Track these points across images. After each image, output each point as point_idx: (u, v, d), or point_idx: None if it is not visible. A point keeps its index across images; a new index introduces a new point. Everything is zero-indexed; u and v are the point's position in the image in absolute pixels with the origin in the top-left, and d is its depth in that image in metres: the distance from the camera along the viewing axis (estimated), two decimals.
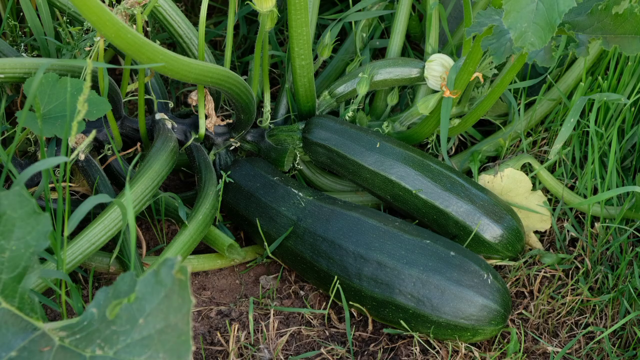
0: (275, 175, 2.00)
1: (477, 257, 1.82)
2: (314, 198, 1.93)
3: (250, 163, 2.03)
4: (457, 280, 1.76)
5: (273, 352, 1.78)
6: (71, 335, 1.29)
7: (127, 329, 1.24)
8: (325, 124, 2.05)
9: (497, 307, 1.76)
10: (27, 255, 1.36)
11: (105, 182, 1.92)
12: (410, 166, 1.97)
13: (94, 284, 1.88)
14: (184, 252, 1.80)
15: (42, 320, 1.34)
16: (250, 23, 2.40)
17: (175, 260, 1.22)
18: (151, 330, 1.22)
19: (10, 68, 1.75)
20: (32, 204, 1.35)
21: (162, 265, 1.22)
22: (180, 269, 1.21)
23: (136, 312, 1.23)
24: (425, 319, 1.77)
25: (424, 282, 1.75)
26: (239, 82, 1.91)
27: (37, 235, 1.36)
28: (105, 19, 1.58)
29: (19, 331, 1.32)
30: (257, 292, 1.94)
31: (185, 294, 1.21)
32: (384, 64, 2.15)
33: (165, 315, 1.22)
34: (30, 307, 1.35)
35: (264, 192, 1.96)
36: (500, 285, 1.79)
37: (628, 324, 1.87)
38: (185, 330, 1.21)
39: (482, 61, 2.00)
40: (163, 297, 1.22)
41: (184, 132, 2.04)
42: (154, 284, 1.23)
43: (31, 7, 1.95)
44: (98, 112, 1.79)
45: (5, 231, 1.35)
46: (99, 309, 1.27)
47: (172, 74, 1.77)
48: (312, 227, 1.88)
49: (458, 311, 1.75)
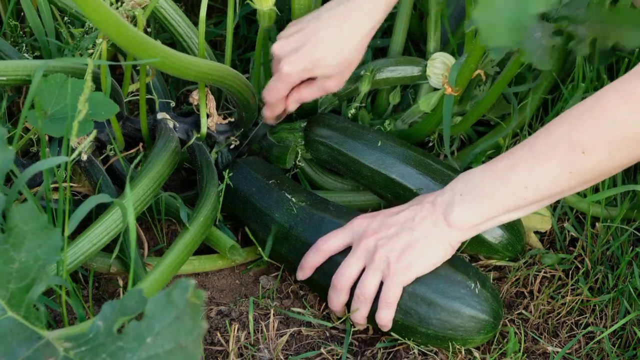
0: (271, 177, 1.99)
1: (465, 264, 1.80)
2: (306, 204, 1.92)
3: (248, 165, 2.03)
4: (443, 292, 1.74)
5: (273, 352, 1.79)
6: (76, 347, 1.29)
7: (134, 347, 1.23)
8: (326, 122, 2.05)
9: (486, 317, 1.74)
10: (36, 268, 1.38)
11: (107, 183, 1.92)
12: (411, 165, 1.97)
13: (94, 284, 1.89)
14: (185, 254, 1.80)
15: (46, 329, 1.35)
16: (251, 23, 2.40)
17: (189, 284, 1.21)
18: (159, 350, 1.22)
19: (12, 70, 1.75)
20: (43, 218, 1.37)
21: (175, 286, 1.22)
22: (195, 294, 1.21)
23: (144, 331, 1.23)
24: (413, 330, 1.76)
25: (410, 294, 1.74)
26: (240, 79, 1.91)
27: (47, 249, 1.38)
28: (106, 16, 1.58)
29: (24, 340, 1.32)
30: (257, 292, 1.94)
31: (197, 318, 1.21)
32: (386, 63, 2.15)
33: (175, 336, 1.21)
34: (36, 316, 1.36)
35: (259, 197, 1.96)
36: (489, 293, 1.76)
37: (628, 324, 1.87)
38: (194, 354, 1.20)
39: (483, 59, 2.00)
40: (174, 318, 1.22)
41: (186, 131, 2.04)
42: (166, 304, 1.22)
43: (32, 7, 1.96)
44: (106, 113, 1.79)
45: (16, 243, 1.37)
46: (105, 323, 1.27)
47: (172, 71, 1.77)
48: (303, 236, 1.88)
49: (445, 323, 1.74)
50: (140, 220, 2.00)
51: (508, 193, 1.67)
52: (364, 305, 1.77)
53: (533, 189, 1.65)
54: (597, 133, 1.57)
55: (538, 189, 1.65)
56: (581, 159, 1.59)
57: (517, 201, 1.68)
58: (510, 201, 1.68)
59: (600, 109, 1.56)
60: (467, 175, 1.74)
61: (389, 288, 1.74)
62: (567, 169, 1.61)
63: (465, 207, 1.71)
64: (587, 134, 1.58)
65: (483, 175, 1.71)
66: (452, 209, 1.72)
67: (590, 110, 1.59)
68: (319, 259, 1.83)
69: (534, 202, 1.68)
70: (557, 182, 1.63)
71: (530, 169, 1.65)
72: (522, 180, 1.66)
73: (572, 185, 1.64)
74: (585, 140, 1.58)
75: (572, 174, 1.61)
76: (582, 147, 1.58)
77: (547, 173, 1.63)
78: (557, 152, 1.61)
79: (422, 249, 1.73)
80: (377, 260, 1.74)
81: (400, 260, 1.73)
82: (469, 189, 1.71)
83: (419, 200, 1.81)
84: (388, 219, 1.79)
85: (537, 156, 1.64)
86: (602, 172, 1.62)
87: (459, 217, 1.71)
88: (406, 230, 1.74)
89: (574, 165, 1.60)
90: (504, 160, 1.70)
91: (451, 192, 1.74)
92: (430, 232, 1.73)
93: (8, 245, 1.36)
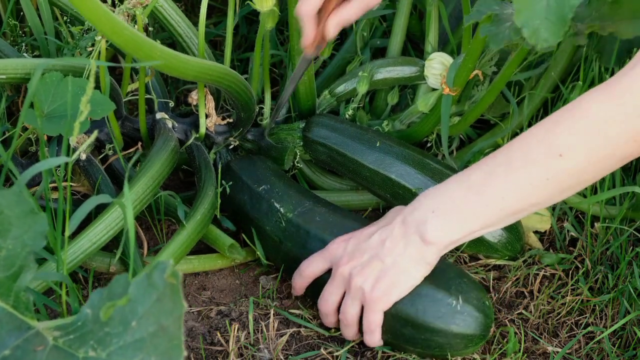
0: (261, 184, 1.96)
1: (445, 277, 1.75)
2: (293, 215, 1.90)
3: (240, 171, 2.01)
4: (424, 312, 1.71)
5: (273, 352, 1.79)
6: (65, 335, 1.28)
7: (120, 331, 1.23)
8: (325, 123, 2.05)
9: (470, 332, 1.72)
10: (24, 255, 1.36)
11: (106, 182, 1.92)
12: (410, 165, 1.97)
13: (94, 284, 1.89)
14: (181, 252, 1.80)
15: (36, 319, 1.34)
16: (251, 23, 2.40)
17: (167, 264, 1.21)
18: (143, 334, 1.22)
19: (12, 69, 1.75)
20: (30, 203, 1.36)
21: (154, 268, 1.22)
22: (172, 273, 1.20)
23: (129, 315, 1.23)
24: (404, 348, 1.76)
25: (394, 315, 1.73)
26: (239, 80, 1.91)
27: (34, 234, 1.36)
28: (102, 16, 1.58)
29: (13, 330, 1.32)
30: (257, 292, 1.94)
31: (177, 298, 1.20)
32: (384, 63, 2.15)
33: (157, 318, 1.21)
34: (26, 305, 1.35)
35: (251, 207, 1.95)
36: (473, 306, 1.72)
37: (628, 324, 1.87)
38: (176, 335, 1.20)
39: (481, 58, 2.00)
40: (155, 301, 1.22)
41: (185, 131, 2.04)
42: (147, 287, 1.22)
43: (32, 7, 1.95)
44: (102, 111, 1.79)
45: (2, 230, 1.35)
46: (93, 310, 1.27)
47: (171, 71, 1.77)
48: (292, 252, 1.88)
49: (431, 342, 1.72)
50: (140, 220, 2.00)
51: (484, 205, 1.61)
52: (349, 328, 1.76)
53: (510, 200, 1.59)
54: (576, 135, 1.52)
55: (515, 198, 1.59)
56: (559, 164, 1.54)
57: (494, 213, 1.61)
58: (486, 213, 1.62)
59: (580, 110, 1.52)
60: (437, 190, 1.68)
61: (369, 316, 1.72)
62: (544, 175, 1.56)
63: (440, 223, 1.64)
64: (564, 136, 1.53)
65: (456, 187, 1.65)
66: (425, 228, 1.65)
67: (569, 111, 1.55)
68: (305, 282, 1.83)
69: (512, 213, 1.62)
70: (534, 191, 1.57)
71: (506, 177, 1.59)
72: (498, 190, 1.59)
73: (550, 194, 1.58)
74: (562, 142, 1.53)
75: (549, 181, 1.56)
76: (559, 150, 1.53)
77: (524, 180, 1.57)
78: (534, 157, 1.56)
79: (395, 275, 1.69)
80: (353, 289, 1.72)
81: (375, 289, 1.69)
82: (442, 204, 1.65)
83: (390, 218, 1.75)
84: (362, 243, 1.74)
85: (513, 163, 1.58)
86: (581, 178, 1.56)
87: (435, 235, 1.65)
88: (377, 258, 1.70)
89: (551, 170, 1.55)
90: (477, 170, 1.63)
91: (421, 210, 1.67)
92: (402, 256, 1.68)
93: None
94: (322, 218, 1.89)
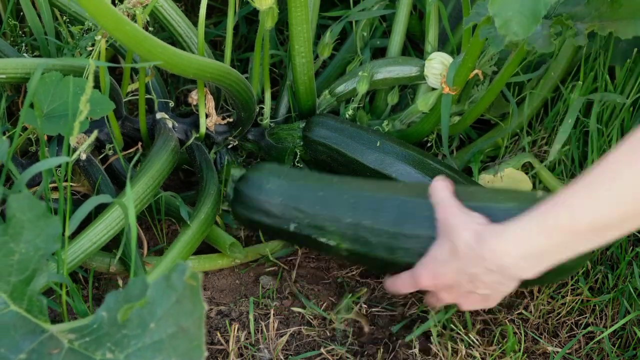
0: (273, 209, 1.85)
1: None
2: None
3: (249, 192, 1.85)
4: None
5: (273, 352, 1.79)
6: (80, 338, 1.29)
7: (138, 333, 1.24)
8: (325, 123, 2.05)
9: None
10: (36, 258, 1.36)
11: (106, 182, 1.92)
12: (410, 164, 1.97)
13: (93, 284, 1.89)
14: (186, 252, 1.81)
15: (50, 323, 1.34)
16: (251, 23, 2.40)
17: (186, 266, 1.22)
18: (162, 335, 1.22)
19: (12, 68, 1.76)
20: (42, 206, 1.36)
21: (173, 270, 1.23)
22: (191, 275, 1.21)
23: (147, 316, 1.23)
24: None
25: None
26: (239, 79, 1.91)
27: (46, 238, 1.37)
28: (105, 11, 1.58)
29: (28, 333, 1.32)
30: (257, 292, 1.94)
31: (196, 300, 1.21)
32: (384, 63, 2.15)
33: (177, 320, 1.22)
34: (39, 309, 1.36)
35: (267, 228, 1.89)
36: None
37: (628, 324, 1.87)
38: (197, 336, 1.21)
39: (481, 58, 2.00)
40: (174, 302, 1.22)
41: (185, 131, 2.04)
42: (165, 288, 1.23)
43: (31, 7, 1.95)
44: (102, 110, 1.79)
45: (15, 234, 1.36)
46: (109, 312, 1.27)
47: (172, 68, 1.77)
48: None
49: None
50: (140, 220, 2.00)
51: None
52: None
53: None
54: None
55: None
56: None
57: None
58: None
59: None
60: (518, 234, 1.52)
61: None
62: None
63: (533, 268, 1.52)
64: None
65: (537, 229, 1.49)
66: (517, 274, 1.54)
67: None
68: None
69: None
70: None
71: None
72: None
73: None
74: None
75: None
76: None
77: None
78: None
79: (494, 297, 1.65)
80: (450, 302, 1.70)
81: (475, 307, 1.71)
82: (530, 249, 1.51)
83: (464, 253, 1.59)
84: (457, 275, 1.61)
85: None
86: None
87: (527, 275, 1.54)
88: (474, 293, 1.63)
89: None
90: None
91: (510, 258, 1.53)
92: (497, 286, 1.60)
93: (7, 236, 1.35)
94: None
